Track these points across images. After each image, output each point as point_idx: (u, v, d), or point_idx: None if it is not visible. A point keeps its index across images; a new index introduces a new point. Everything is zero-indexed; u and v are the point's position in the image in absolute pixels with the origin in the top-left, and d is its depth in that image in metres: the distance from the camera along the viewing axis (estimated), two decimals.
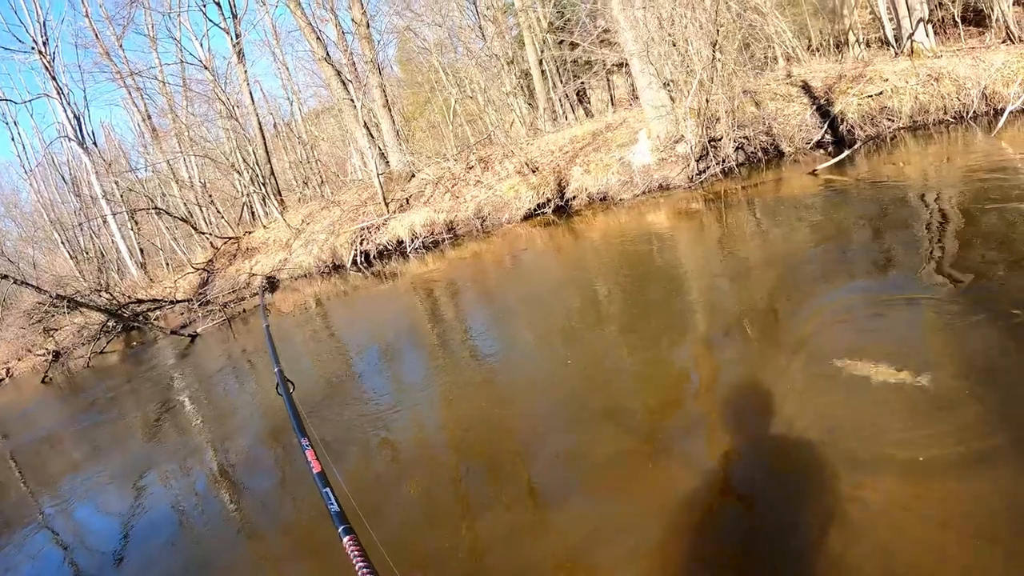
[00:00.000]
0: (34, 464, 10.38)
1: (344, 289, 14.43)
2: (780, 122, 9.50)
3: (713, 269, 6.74)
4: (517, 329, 7.14)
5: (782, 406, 3.77)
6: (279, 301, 15.81)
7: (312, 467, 1.11)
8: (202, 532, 5.69)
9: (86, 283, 21.42)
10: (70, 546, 6.54)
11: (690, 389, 4.58)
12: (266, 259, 17.89)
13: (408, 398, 6.56)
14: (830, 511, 2.82)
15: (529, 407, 5.18)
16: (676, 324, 5.57)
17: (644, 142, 10.03)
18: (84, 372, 17.10)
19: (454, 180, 13.62)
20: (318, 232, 16.57)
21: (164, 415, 10.09)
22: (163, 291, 20.12)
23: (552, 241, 10.36)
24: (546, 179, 11.33)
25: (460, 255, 12.12)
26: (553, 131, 13.30)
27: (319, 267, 16.08)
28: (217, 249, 20.55)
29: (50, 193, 30.65)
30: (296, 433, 1.29)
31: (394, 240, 14.19)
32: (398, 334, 8.78)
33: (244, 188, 21.99)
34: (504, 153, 12.84)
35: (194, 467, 7.49)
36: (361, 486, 4.71)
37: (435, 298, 10.20)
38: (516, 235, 11.52)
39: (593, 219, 10.25)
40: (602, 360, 5.47)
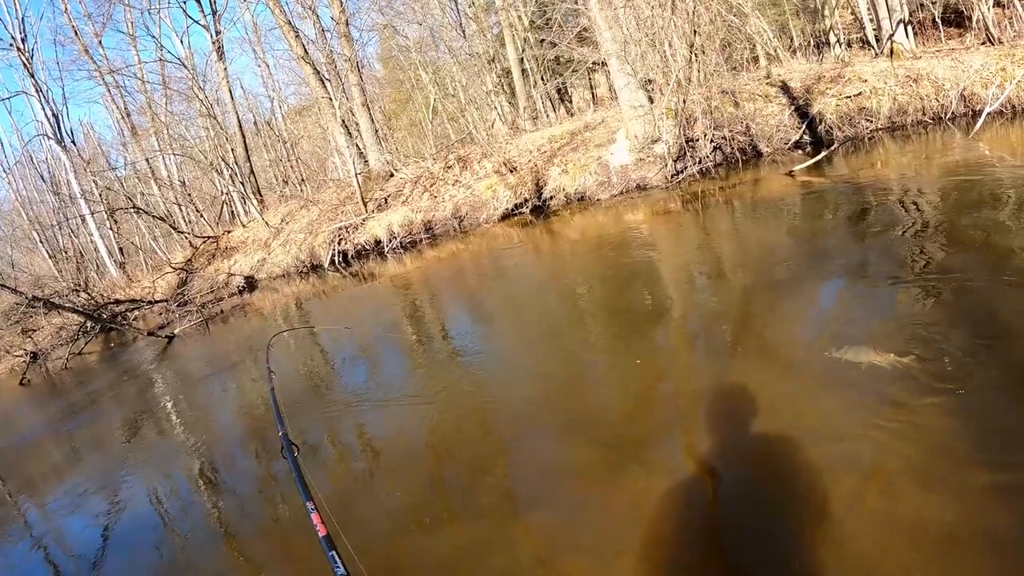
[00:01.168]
0: (13, 468, 10.24)
1: (323, 289, 14.31)
2: (759, 122, 9.44)
3: (690, 270, 6.71)
4: (494, 331, 7.11)
5: (758, 407, 3.76)
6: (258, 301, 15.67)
7: (318, 531, 1.13)
8: (184, 536, 5.61)
9: (65, 283, 21.18)
10: (51, 551, 6.43)
11: (666, 392, 4.56)
12: (245, 259, 17.71)
13: (384, 401, 6.49)
14: (806, 516, 2.83)
15: (505, 411, 5.16)
16: (653, 326, 5.54)
17: (622, 142, 9.94)
18: (63, 373, 16.90)
19: (433, 179, 13.49)
20: (297, 231, 16.41)
21: (144, 417, 9.96)
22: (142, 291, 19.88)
23: (530, 241, 10.27)
24: (524, 179, 11.23)
25: (438, 255, 12.02)
26: (533, 130, 13.20)
27: (297, 267, 15.93)
28: (196, 248, 20.33)
29: (28, 192, 30.22)
30: (302, 496, 1.29)
31: (372, 240, 14.05)
32: (375, 335, 8.71)
33: (224, 187, 21.75)
34: (483, 153, 12.73)
35: (175, 470, 7.41)
36: (336, 488, 4.69)
37: (413, 299, 10.11)
38: (494, 235, 11.43)
39: (571, 219, 10.16)
40: (579, 363, 5.45)
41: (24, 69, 24.34)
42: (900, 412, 3.33)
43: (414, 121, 19.20)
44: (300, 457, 2.81)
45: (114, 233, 25.36)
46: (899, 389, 3.51)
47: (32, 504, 8.33)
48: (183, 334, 14.56)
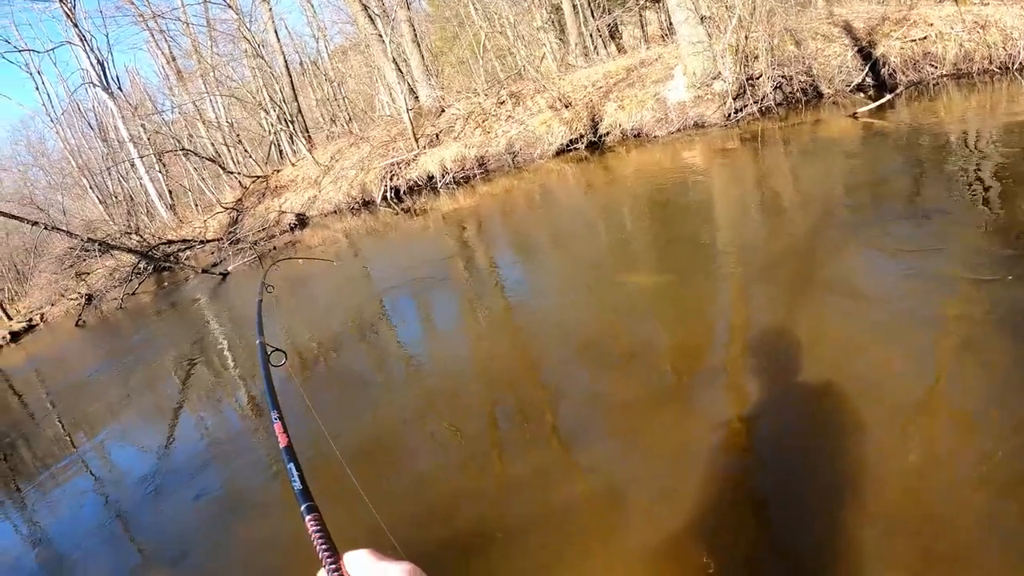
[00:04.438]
0: (71, 406, 10.72)
1: (374, 225, 14.58)
2: (820, 63, 9.30)
3: (748, 210, 6.61)
4: (547, 266, 7.18)
5: (810, 352, 3.71)
6: (309, 238, 16.07)
7: (279, 441, 1.08)
8: (235, 470, 5.91)
9: (116, 227, 21.78)
10: (105, 484, 6.81)
11: (718, 331, 4.53)
12: (295, 197, 18.06)
13: (436, 333, 6.72)
14: (855, 467, 2.77)
15: (556, 346, 5.19)
16: (707, 265, 5.48)
17: (680, 79, 9.99)
18: (117, 314, 17.51)
19: (485, 115, 13.63)
20: (347, 168, 16.68)
21: (197, 354, 10.38)
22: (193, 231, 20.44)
23: (584, 177, 10.42)
24: (579, 115, 11.34)
25: (491, 191, 12.21)
26: (585, 67, 13.20)
27: (349, 203, 16.23)
28: (246, 188, 20.74)
29: (77, 140, 30.89)
30: (268, 405, 1.24)
31: (424, 176, 14.28)
32: (428, 269, 8.95)
33: (271, 127, 22.03)
34: (536, 88, 12.81)
35: (227, 405, 7.77)
36: (388, 423, 4.80)
37: (466, 234, 10.32)
38: (548, 171, 11.58)
39: (627, 155, 10.28)
40: (630, 298, 5.46)
41: (67, 19, 24.67)
42: (963, 362, 3.24)
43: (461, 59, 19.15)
44: (289, 367, 2.83)
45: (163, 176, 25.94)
46: (960, 340, 3.40)
47: (87, 439, 8.83)
48: (236, 271, 14.99)
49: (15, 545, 6.30)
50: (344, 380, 6.29)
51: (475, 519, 3.38)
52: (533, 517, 3.19)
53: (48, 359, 17.01)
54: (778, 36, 9.21)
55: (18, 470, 8.68)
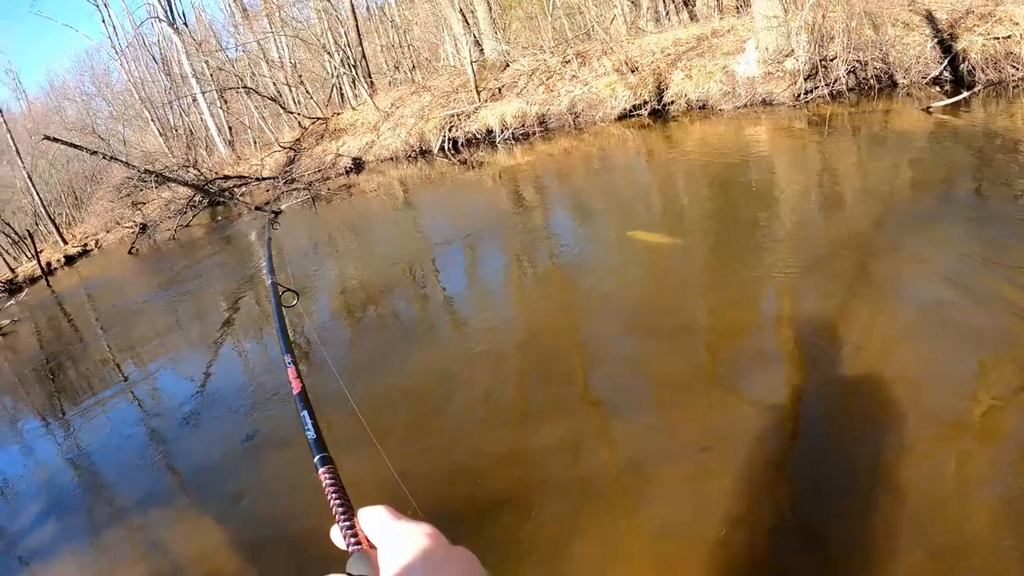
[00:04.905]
0: (119, 331, 11.19)
1: (430, 175, 14.78)
2: (898, 50, 9.03)
3: (808, 195, 6.54)
4: (598, 231, 7.19)
5: (858, 351, 3.65)
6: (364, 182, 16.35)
7: (292, 387, 1.00)
8: (271, 407, 5.99)
9: (175, 159, 22.31)
10: (147, 408, 7.13)
11: (766, 315, 4.50)
12: (353, 140, 18.32)
13: (480, 288, 6.84)
14: (892, 467, 2.76)
15: (602, 313, 5.20)
16: (760, 246, 5.39)
17: (751, 53, 9.91)
18: (169, 244, 18.08)
19: (549, 73, 13.65)
20: (407, 116, 16.87)
21: (245, 287, 10.73)
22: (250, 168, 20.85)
23: (645, 145, 10.46)
24: (645, 80, 11.33)
25: (550, 150, 12.31)
26: (655, 32, 13.09)
27: (406, 151, 16.45)
28: (305, 129, 21.05)
29: (140, 73, 31.44)
30: (281, 348, 1.18)
31: (483, 129, 14.41)
32: (480, 223, 9.07)
33: (334, 70, 22.23)
34: (603, 50, 12.78)
35: (268, 335, 8.09)
36: (424, 378, 4.84)
37: (520, 191, 10.43)
38: (609, 134, 11.63)
39: (690, 126, 10.29)
40: (679, 273, 5.43)
41: None
42: (1012, 382, 3.10)
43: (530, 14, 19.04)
44: (300, 306, 2.79)
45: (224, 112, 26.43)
46: (1017, 362, 3.24)
47: (133, 365, 9.23)
48: (289, 210, 15.36)
49: (55, 462, 6.67)
50: (383, 328, 6.52)
51: (496, 483, 3.42)
52: (556, 486, 3.23)
53: (100, 284, 17.67)
54: (856, 18, 9.03)
55: (64, 391, 9.16)
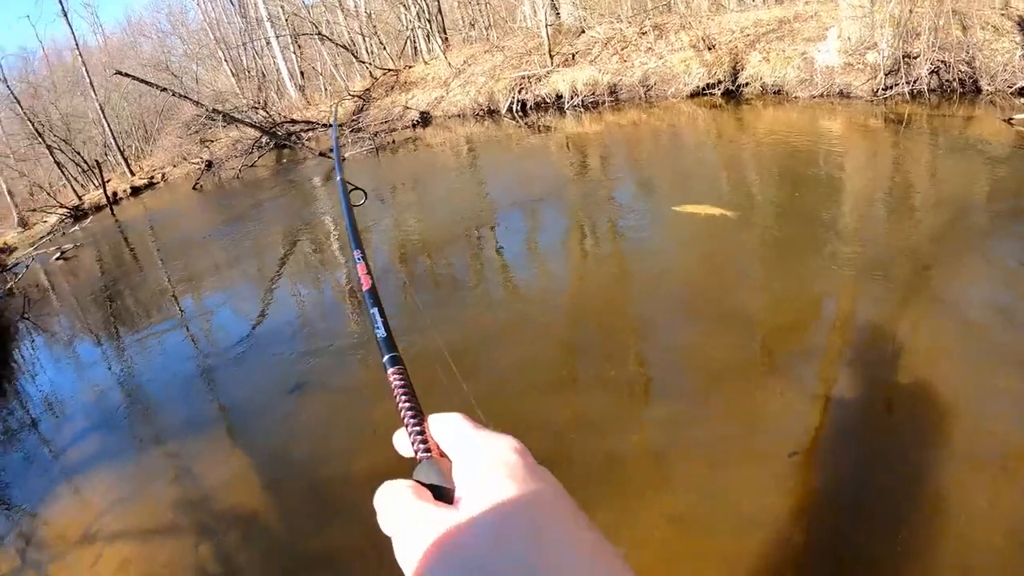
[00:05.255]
0: (179, 263, 11.67)
1: (496, 135, 14.97)
2: (985, 55, 8.74)
3: (877, 195, 6.46)
4: (659, 206, 7.22)
5: (910, 362, 3.62)
6: (430, 136, 16.63)
7: (362, 283, 0.93)
8: (321, 348, 6.26)
9: (245, 100, 22.85)
10: (198, 342, 7.49)
11: (823, 315, 4.45)
12: (423, 94, 18.56)
13: (536, 254, 7.00)
14: (930, 488, 2.74)
15: (655, 292, 5.27)
16: (822, 243, 5.36)
17: (833, 41, 9.82)
18: (233, 183, 18.62)
19: (624, 43, 13.65)
20: (478, 74, 17.02)
21: (303, 230, 11.09)
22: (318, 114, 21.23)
23: (715, 125, 10.50)
24: (721, 59, 11.31)
25: (618, 121, 12.38)
26: (737, 10, 12.95)
27: (474, 109, 16.65)
28: (375, 79, 21.34)
29: (217, 13, 32.01)
30: (351, 243, 1.11)
31: (553, 94, 14.51)
32: (541, 188, 9.18)
33: (409, 22, 22.38)
34: (681, 24, 12.73)
35: (324, 281, 8.41)
36: (469, 335, 5.02)
37: (585, 160, 10.55)
38: (679, 111, 11.67)
39: (762, 111, 10.29)
40: (737, 261, 5.46)
41: None
42: None
43: None
44: (366, 206, 2.95)
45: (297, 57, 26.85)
46: None
47: (190, 297, 9.63)
48: (353, 159, 15.71)
49: (104, 383, 7.11)
50: (435, 283, 6.77)
51: None
52: (581, 460, 3.33)
53: (163, 217, 18.33)
54: (945, 16, 8.85)
55: (120, 317, 9.66)
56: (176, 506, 4.40)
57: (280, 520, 4.06)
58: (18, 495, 5.41)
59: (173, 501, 4.44)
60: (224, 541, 3.96)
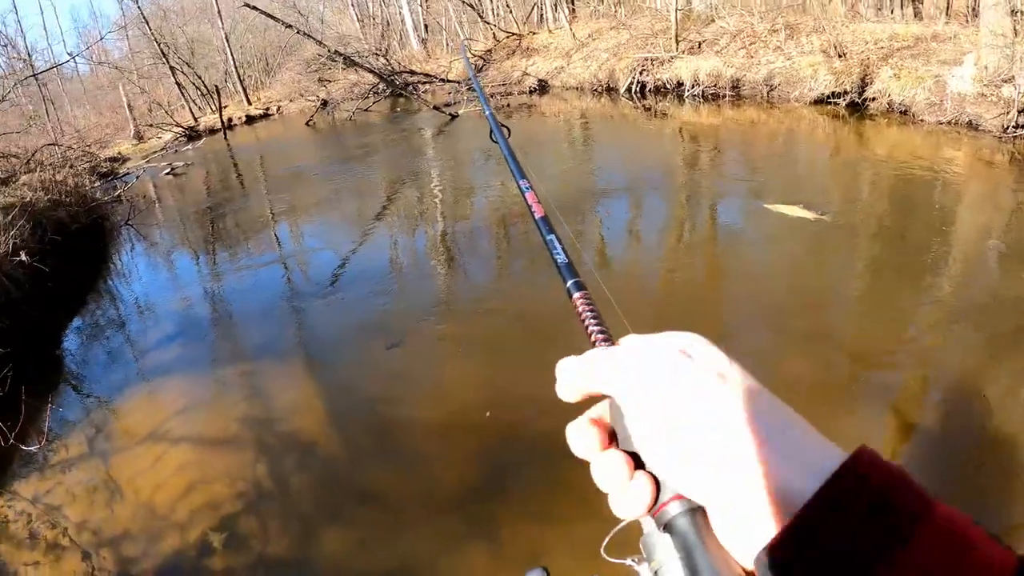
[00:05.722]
0: (282, 195, 12.46)
1: (611, 113, 15.35)
2: None
3: (990, 238, 6.22)
4: (766, 215, 7.18)
5: (999, 416, 3.62)
6: (545, 105, 17.10)
7: (534, 211, 0.92)
8: (409, 291, 6.78)
9: (367, 46, 23.61)
10: (291, 272, 8.11)
11: (905, 346, 4.44)
12: (543, 62, 18.99)
13: (636, 241, 7.39)
14: None
15: (745, 298, 5.43)
16: (924, 278, 5.30)
17: (968, 68, 9.77)
18: (346, 124, 19.47)
19: (753, 38, 13.76)
20: (601, 50, 17.36)
21: (408, 178, 11.73)
22: (437, 68, 21.87)
23: (835, 137, 10.66)
24: (850, 69, 11.38)
25: (736, 117, 12.62)
26: (874, 21, 12.84)
27: (592, 84, 17.04)
28: (498, 41, 21.88)
29: None
30: (515, 176, 1.08)
31: (674, 80, 14.78)
32: (650, 175, 9.56)
33: None
34: (815, 27, 12.76)
35: (421, 228, 8.99)
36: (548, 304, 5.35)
37: (698, 152, 10.90)
38: (800, 116, 11.82)
39: (885, 129, 10.38)
40: (833, 279, 5.56)
41: None
42: None
43: None
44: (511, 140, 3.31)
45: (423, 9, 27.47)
46: None
47: (289, 228, 10.26)
48: (465, 116, 16.29)
49: (194, 297, 7.79)
50: (522, 250, 7.26)
51: None
52: None
53: (274, 147, 19.27)
54: None
55: (220, 238, 10.50)
56: (241, 421, 4.70)
57: (339, 452, 4.27)
58: (97, 387, 5.92)
59: (239, 416, 4.77)
60: (281, 461, 4.21)
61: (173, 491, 4.07)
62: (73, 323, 7.71)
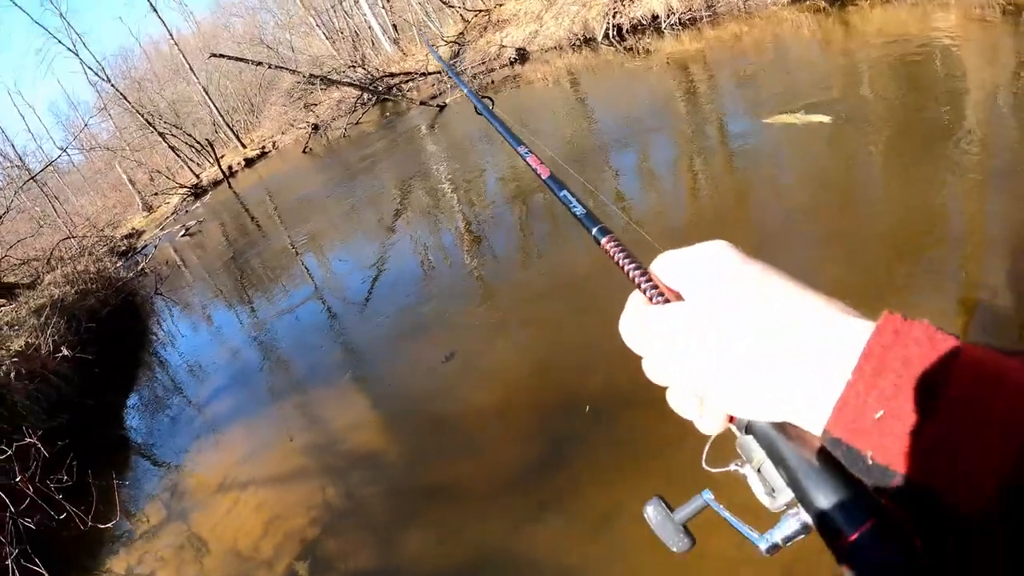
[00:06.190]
0: (297, 223, 12.59)
1: (595, 63, 15.16)
2: None
3: (1000, 99, 5.95)
4: (770, 127, 7.05)
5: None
6: (529, 72, 16.96)
7: (540, 173, 0.91)
8: (444, 286, 6.84)
9: (341, 60, 23.67)
10: (324, 295, 8.27)
11: (942, 224, 4.30)
12: (516, 31, 18.82)
13: (653, 182, 7.40)
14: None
15: (768, 204, 5.47)
16: (945, 149, 5.08)
17: None
18: (341, 141, 19.56)
19: None
20: (569, 3, 17.13)
21: (415, 177, 11.81)
22: (415, 64, 21.84)
23: (821, 31, 10.40)
24: None
25: (718, 35, 12.38)
26: None
27: (570, 40, 16.83)
28: (468, 22, 21.69)
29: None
30: (512, 144, 1.07)
31: (648, 15, 14.53)
32: (648, 115, 9.44)
33: None
34: None
35: (441, 223, 9.03)
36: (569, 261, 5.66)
37: (690, 80, 10.71)
38: (781, 19, 11.56)
39: (869, 12, 10.11)
40: (857, 173, 5.42)
41: None
42: None
43: None
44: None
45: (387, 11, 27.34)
46: None
47: (311, 253, 10.44)
48: (454, 103, 16.28)
49: (239, 342, 8.07)
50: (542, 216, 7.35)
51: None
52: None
53: (278, 182, 19.51)
54: None
55: (249, 281, 10.76)
56: (305, 451, 4.92)
57: (399, 456, 4.43)
58: (163, 452, 6.23)
59: (302, 447, 5.01)
60: (348, 479, 4.37)
61: (254, 531, 4.29)
62: (129, 401, 8.08)
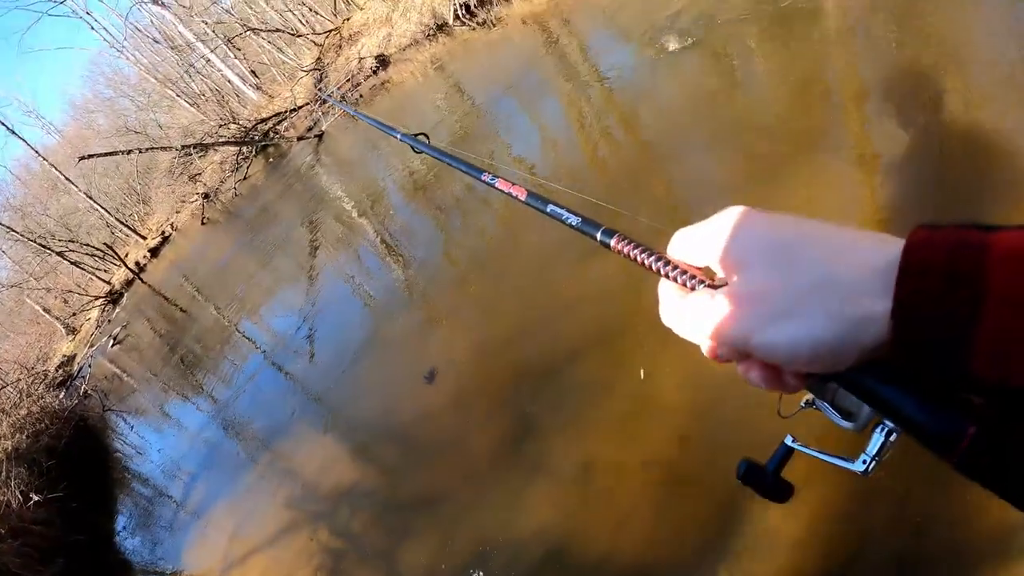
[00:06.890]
0: (220, 291, 12.26)
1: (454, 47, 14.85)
2: None
3: None
4: (644, 47, 6.93)
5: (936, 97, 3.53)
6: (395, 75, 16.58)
7: (516, 195, 0.86)
8: (379, 305, 6.77)
9: (212, 122, 23.06)
10: (268, 352, 8.07)
11: (826, 87, 4.31)
12: (370, 40, 18.41)
13: (546, 135, 7.29)
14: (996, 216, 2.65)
15: (657, 124, 5.52)
16: (806, 26, 4.95)
17: None
18: (236, 201, 19.20)
19: None
20: None
21: (318, 211, 11.46)
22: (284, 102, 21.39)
23: None
24: None
25: None
26: None
27: (424, 31, 16.42)
28: (321, 46, 21.15)
29: (149, 58, 32.01)
30: (472, 175, 1.02)
31: None
32: (521, 76, 9.30)
33: None
34: None
35: (359, 247, 8.75)
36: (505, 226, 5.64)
37: (552, 34, 10.45)
38: None
39: None
40: (729, 68, 5.41)
41: None
42: None
43: None
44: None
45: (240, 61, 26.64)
46: None
47: (243, 316, 10.14)
48: (332, 128, 15.88)
49: (200, 426, 7.88)
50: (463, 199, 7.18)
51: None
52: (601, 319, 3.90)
53: (188, 260, 19.11)
54: None
55: (193, 365, 10.38)
56: (288, 505, 5.04)
57: (377, 480, 4.59)
58: (165, 562, 6.19)
59: (284, 502, 5.10)
60: (335, 518, 4.51)
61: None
62: (117, 524, 7.83)
